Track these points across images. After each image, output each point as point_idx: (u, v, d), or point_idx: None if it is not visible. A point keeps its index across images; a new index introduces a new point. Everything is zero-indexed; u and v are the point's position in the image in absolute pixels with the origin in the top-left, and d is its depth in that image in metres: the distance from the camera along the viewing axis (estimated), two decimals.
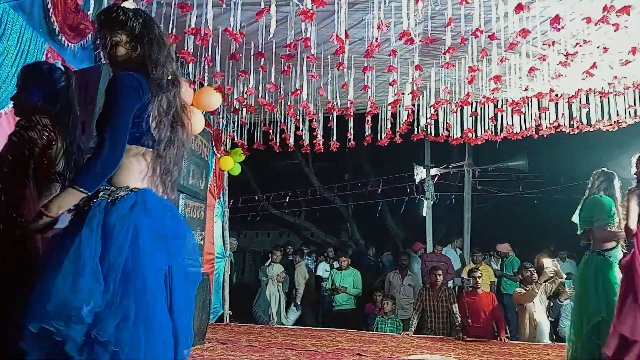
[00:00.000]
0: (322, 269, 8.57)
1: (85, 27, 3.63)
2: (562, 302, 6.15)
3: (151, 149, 1.81)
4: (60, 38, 3.53)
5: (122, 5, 1.88)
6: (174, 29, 3.92)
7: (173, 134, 1.88)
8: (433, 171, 11.88)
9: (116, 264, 1.61)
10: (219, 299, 7.12)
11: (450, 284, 7.52)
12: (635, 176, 3.70)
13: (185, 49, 4.07)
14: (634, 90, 5.79)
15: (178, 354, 1.75)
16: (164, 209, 1.81)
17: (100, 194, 1.71)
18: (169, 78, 1.87)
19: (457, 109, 5.84)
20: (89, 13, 3.65)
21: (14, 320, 1.64)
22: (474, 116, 5.93)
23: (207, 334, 5.31)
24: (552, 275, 5.86)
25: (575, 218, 4.31)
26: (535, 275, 5.96)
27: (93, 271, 1.58)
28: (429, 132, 6.29)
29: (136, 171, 1.79)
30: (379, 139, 6.36)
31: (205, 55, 4.34)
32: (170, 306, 1.75)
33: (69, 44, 3.62)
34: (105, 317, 1.56)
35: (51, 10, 3.42)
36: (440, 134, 6.13)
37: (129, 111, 1.73)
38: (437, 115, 5.95)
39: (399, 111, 6.00)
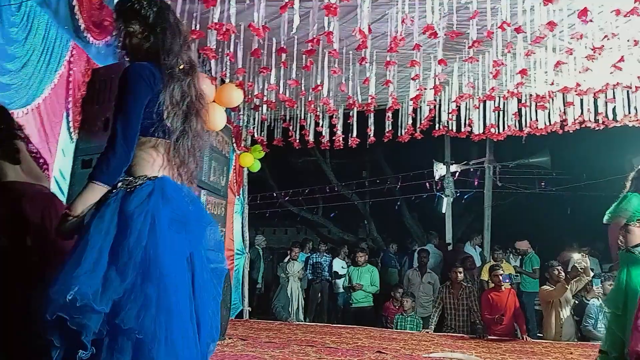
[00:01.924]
0: (339, 266, 8.55)
1: (110, 24, 3.65)
2: (588, 300, 6.04)
3: (164, 140, 1.80)
4: (85, 35, 3.56)
5: None
6: (198, 25, 3.93)
7: (187, 124, 1.85)
8: (453, 168, 11.76)
9: (135, 251, 1.60)
10: (239, 295, 7.15)
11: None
12: None
13: (208, 45, 4.08)
14: None
15: (201, 344, 1.72)
16: (183, 196, 1.79)
17: (119, 184, 1.71)
18: (182, 67, 1.85)
19: (479, 104, 5.75)
20: (113, 10, 3.66)
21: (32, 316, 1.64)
22: (497, 112, 5.83)
23: (227, 330, 5.33)
24: (582, 270, 5.77)
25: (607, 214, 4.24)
26: (563, 273, 5.87)
27: (105, 260, 1.57)
28: (450, 128, 6.21)
29: (152, 162, 1.78)
30: (399, 135, 6.30)
31: (227, 51, 4.34)
32: (193, 295, 1.73)
33: (94, 40, 3.65)
34: (125, 305, 1.55)
35: (76, 7, 3.45)
36: (462, 130, 6.04)
37: (141, 102, 1.73)
38: (459, 110, 5.86)
39: (420, 107, 5.94)
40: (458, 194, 12.22)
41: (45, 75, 3.26)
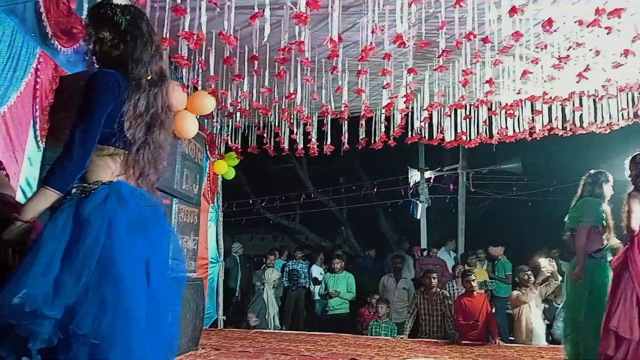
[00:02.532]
0: (317, 272, 8.56)
1: (79, 32, 3.60)
2: (558, 304, 6.16)
3: (123, 150, 1.78)
4: (53, 42, 3.50)
5: (113, 1, 1.87)
6: (168, 33, 3.91)
7: (149, 135, 1.83)
8: (427, 174, 11.92)
9: (91, 254, 1.57)
10: (213, 304, 7.08)
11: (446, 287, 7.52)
12: (630, 179, 3.72)
13: (180, 52, 4.06)
14: (626, 93, 5.82)
15: (158, 352, 1.69)
16: (140, 198, 1.77)
17: (73, 190, 1.69)
18: (150, 78, 1.83)
19: (450, 112, 5.85)
20: (82, 17, 3.62)
21: None
22: (467, 119, 5.94)
23: (200, 339, 5.27)
24: (549, 274, 5.89)
25: (566, 219, 4.37)
26: (533, 277, 5.97)
27: (57, 264, 1.53)
28: (423, 135, 6.29)
29: (109, 170, 1.76)
30: (373, 142, 6.36)
31: (199, 59, 4.33)
32: (149, 300, 1.69)
33: (62, 48, 3.60)
34: (80, 310, 1.52)
35: (44, 15, 3.39)
36: (435, 137, 6.13)
37: (103, 110, 1.70)
38: (431, 118, 5.95)
39: (393, 114, 6.01)
40: (432, 200, 12.38)
41: (11, 83, 3.20)
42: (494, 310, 6.53)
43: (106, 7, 1.84)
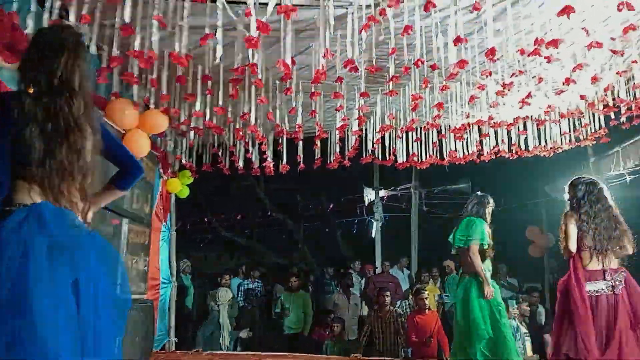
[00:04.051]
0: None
1: (24, 47, 3.51)
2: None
3: (32, 167, 1.73)
4: None
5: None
6: (118, 50, 3.86)
7: (56, 149, 1.76)
8: (381, 193, 12.11)
9: (2, 284, 1.51)
10: (165, 326, 6.89)
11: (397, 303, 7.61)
12: (568, 201, 3.90)
13: (130, 70, 4.01)
14: (568, 119, 6.13)
15: None
16: (63, 219, 1.72)
17: None
18: (35, 89, 1.79)
19: (402, 135, 5.99)
20: (26, 32, 3.53)
21: None
22: (418, 141, 6.10)
23: None
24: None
25: (450, 238, 4.63)
26: None
27: None
28: (376, 156, 6.41)
29: (29, 191, 1.72)
30: (328, 162, 6.42)
31: (150, 77, 4.28)
32: (81, 323, 1.63)
33: (5, 64, 3.49)
34: None
35: None
36: (388, 158, 6.26)
37: None
38: (384, 140, 6.08)
39: (347, 135, 6.10)
40: (387, 218, 12.58)
41: None
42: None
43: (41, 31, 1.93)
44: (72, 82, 1.85)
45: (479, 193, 4.78)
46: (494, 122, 5.66)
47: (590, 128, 5.94)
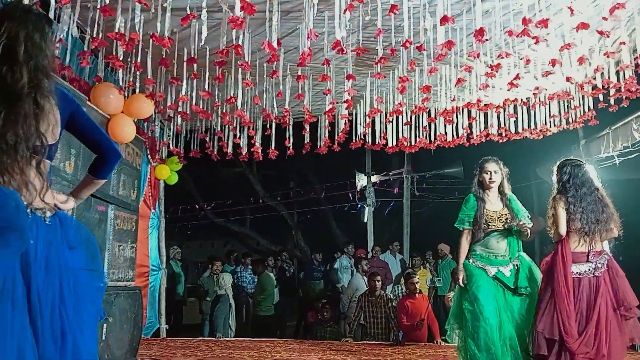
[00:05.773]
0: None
1: None
2: None
3: None
4: None
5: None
6: (100, 33, 3.78)
7: None
8: (373, 178, 12.09)
9: None
10: (155, 313, 6.89)
11: (389, 288, 7.64)
12: (555, 184, 3.88)
13: (114, 54, 3.93)
14: (558, 101, 6.10)
15: None
16: (9, 200, 1.54)
17: None
18: None
19: (392, 118, 5.95)
20: None
21: None
22: (408, 125, 6.06)
23: (139, 350, 5.11)
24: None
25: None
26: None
27: None
28: (366, 141, 6.37)
29: None
30: (318, 146, 6.38)
31: (135, 61, 4.21)
32: (36, 310, 1.53)
33: None
34: None
35: None
36: (377, 143, 6.22)
37: None
38: (374, 124, 6.03)
39: (337, 120, 6.05)
40: (379, 204, 12.59)
41: None
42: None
43: None
44: (16, 52, 1.70)
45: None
46: (483, 105, 5.63)
47: (580, 111, 5.92)
